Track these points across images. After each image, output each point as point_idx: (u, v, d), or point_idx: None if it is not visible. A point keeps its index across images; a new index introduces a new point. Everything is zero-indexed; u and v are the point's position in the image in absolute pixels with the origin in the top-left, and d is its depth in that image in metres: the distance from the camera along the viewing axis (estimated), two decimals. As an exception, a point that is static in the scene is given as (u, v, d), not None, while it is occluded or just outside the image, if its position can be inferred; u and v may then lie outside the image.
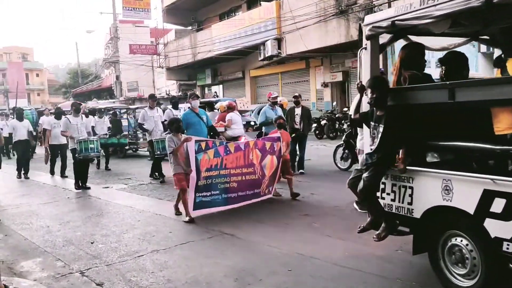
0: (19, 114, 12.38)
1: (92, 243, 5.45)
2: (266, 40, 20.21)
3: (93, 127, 11.17)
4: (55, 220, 6.78)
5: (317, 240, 5.15)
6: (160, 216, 6.75)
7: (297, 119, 9.81)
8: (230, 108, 10.97)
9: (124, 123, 17.01)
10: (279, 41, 20.05)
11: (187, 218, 6.19)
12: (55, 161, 11.64)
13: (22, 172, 11.53)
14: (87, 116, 11.48)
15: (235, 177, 6.72)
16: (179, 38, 29.41)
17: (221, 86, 29.00)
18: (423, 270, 4.06)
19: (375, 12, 16.05)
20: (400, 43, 4.42)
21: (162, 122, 10.27)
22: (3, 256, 5.02)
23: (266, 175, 7.18)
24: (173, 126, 6.59)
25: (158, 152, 9.78)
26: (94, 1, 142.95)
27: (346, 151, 9.70)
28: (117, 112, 16.84)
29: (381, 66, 4.71)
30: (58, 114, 11.52)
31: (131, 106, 19.97)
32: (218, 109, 11.97)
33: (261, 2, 22.38)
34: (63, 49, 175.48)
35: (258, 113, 11.64)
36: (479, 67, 19.09)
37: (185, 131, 7.61)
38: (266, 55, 20.55)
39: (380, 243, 4.86)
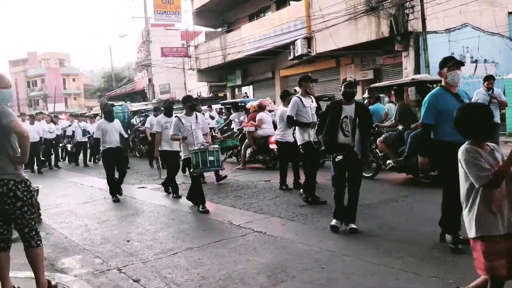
0: (109, 112, 8.81)
1: (128, 241, 5.60)
2: (296, 40, 20.14)
3: None
4: (93, 219, 7.00)
5: (349, 237, 5.13)
6: (193, 214, 6.87)
7: (348, 125, 5.37)
8: (260, 108, 11.05)
9: None
10: (308, 40, 19.94)
11: None
12: (173, 178, 8.40)
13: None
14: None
15: None
16: (209, 40, 29.68)
17: (251, 86, 29.09)
18: (461, 269, 3.99)
19: (406, 8, 15.80)
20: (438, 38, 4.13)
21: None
22: (46, 253, 5.23)
23: None
24: (476, 127, 2.85)
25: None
26: (126, 6, 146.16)
27: None
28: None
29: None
30: (169, 109, 8.75)
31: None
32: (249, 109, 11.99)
33: (290, 2, 22.31)
34: (97, 54, 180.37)
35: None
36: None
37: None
38: (296, 55, 20.47)
39: (415, 241, 4.82)
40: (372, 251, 4.53)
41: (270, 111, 11.81)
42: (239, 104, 14.23)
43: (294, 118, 7.10)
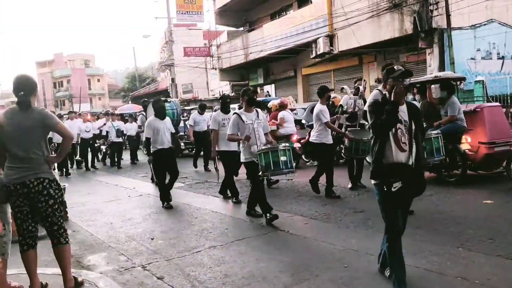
0: (160, 108, 7.77)
1: (152, 239, 5.67)
2: (318, 38, 20.04)
3: None
4: (118, 217, 7.11)
5: (372, 237, 5.08)
6: (216, 213, 6.91)
7: (405, 134, 3.87)
8: (282, 107, 11.04)
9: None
10: (331, 38, 19.81)
11: None
12: (233, 182, 7.63)
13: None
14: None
15: None
16: (231, 39, 29.78)
17: (273, 85, 29.08)
18: (487, 270, 3.92)
19: (430, 4, 15.53)
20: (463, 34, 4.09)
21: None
22: (72, 250, 5.34)
23: None
24: None
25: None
26: (149, 7, 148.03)
27: None
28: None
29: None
30: (226, 105, 7.76)
31: (186, 107, 20.41)
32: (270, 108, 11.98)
33: (312, 0, 22.23)
34: (121, 55, 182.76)
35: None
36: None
37: None
38: (318, 53, 20.38)
39: (439, 240, 4.75)
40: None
41: (291, 109, 11.74)
42: (261, 103, 14.21)
43: None
